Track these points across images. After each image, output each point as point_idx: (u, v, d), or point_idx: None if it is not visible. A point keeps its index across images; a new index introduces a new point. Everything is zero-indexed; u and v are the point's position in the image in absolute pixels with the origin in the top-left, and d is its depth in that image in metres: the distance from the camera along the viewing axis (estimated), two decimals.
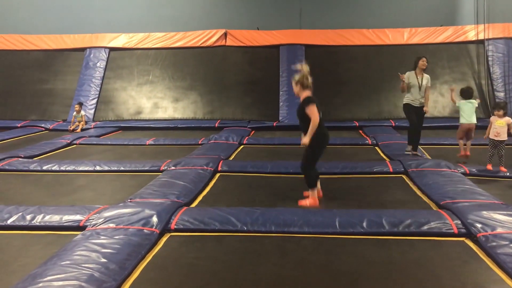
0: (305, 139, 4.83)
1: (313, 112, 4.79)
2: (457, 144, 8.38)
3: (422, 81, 7.21)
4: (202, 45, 12.88)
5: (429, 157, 7.28)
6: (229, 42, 12.86)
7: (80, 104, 11.52)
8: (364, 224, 4.09)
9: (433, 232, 4.01)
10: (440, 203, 4.75)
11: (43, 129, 11.40)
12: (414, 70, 7.31)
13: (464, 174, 6.11)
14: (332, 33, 12.75)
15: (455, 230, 4.01)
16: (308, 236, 4.00)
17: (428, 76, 7.36)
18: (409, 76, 7.27)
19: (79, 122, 11.31)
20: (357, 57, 12.54)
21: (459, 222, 4.11)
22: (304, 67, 5.00)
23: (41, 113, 12.39)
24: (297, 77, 5.00)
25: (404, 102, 7.42)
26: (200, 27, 13.04)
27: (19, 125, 11.60)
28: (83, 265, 3.24)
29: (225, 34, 12.89)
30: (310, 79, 4.98)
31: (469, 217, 4.11)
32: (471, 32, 12.40)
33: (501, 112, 6.30)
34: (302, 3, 13.02)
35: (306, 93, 4.98)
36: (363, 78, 12.26)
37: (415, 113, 7.28)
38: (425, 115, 7.47)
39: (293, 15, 13.03)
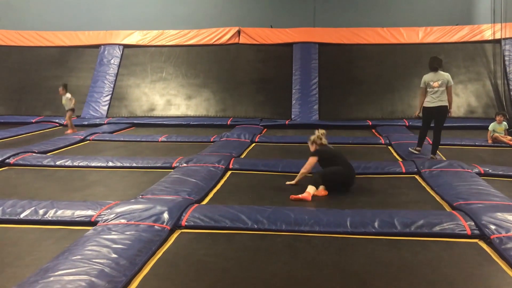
0: (293, 182, 5.76)
1: (309, 162, 5.74)
2: (472, 145, 8.34)
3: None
4: (215, 43, 12.90)
5: (444, 158, 7.10)
6: (243, 40, 12.86)
7: (64, 86, 10.37)
8: (376, 224, 4.05)
9: (445, 233, 3.95)
10: (453, 204, 4.69)
11: (57, 124, 11.50)
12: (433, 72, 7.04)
13: (479, 174, 6.03)
14: (346, 31, 12.69)
15: (468, 232, 3.96)
16: (319, 235, 3.98)
17: (447, 74, 7.06)
18: (427, 79, 7.03)
19: (66, 107, 10.31)
20: (371, 56, 12.47)
21: (473, 223, 4.06)
22: (315, 136, 5.88)
23: (56, 109, 12.46)
24: (312, 137, 5.91)
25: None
26: (214, 24, 13.07)
27: (33, 121, 11.73)
28: (94, 260, 3.25)
29: (239, 32, 12.89)
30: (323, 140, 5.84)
31: (483, 218, 4.05)
32: (488, 31, 12.25)
33: None
34: (316, 1, 12.97)
35: (314, 147, 5.87)
36: (377, 77, 12.18)
37: (434, 113, 6.97)
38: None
39: (307, 13, 13.00)
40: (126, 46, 13.16)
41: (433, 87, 6.90)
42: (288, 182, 5.80)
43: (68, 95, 10.31)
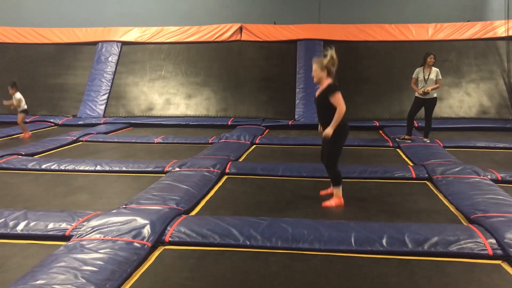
0: (329, 130, 4.53)
1: (340, 101, 4.54)
2: (486, 147, 7.84)
3: (429, 76, 8.00)
4: (216, 40, 12.43)
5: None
6: (245, 37, 12.38)
7: (13, 84, 9.37)
8: (384, 241, 3.57)
9: (463, 253, 3.47)
10: (470, 216, 4.19)
11: (52, 124, 11.11)
12: (423, 66, 8.13)
13: (495, 180, 5.53)
14: (353, 28, 12.17)
15: (490, 251, 3.47)
16: (319, 254, 3.51)
17: (436, 69, 8.06)
18: (418, 72, 8.17)
19: (14, 107, 9.35)
20: (379, 54, 11.93)
21: (494, 241, 3.57)
22: (332, 53, 4.61)
23: (51, 108, 12.10)
24: (325, 61, 4.59)
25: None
26: (215, 21, 12.59)
27: (28, 120, 11.29)
28: (56, 286, 2.81)
29: (241, 29, 12.41)
30: (336, 66, 4.66)
31: (506, 235, 3.57)
32: (501, 28, 11.67)
33: None
34: None
35: (329, 80, 4.64)
36: (385, 75, 11.66)
37: (420, 105, 8.24)
38: (449, 115, 7.83)
39: (312, 8, 12.49)
40: (124, 43, 12.72)
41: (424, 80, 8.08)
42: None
43: (18, 95, 9.34)
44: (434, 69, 8.05)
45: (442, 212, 4.60)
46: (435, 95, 8.15)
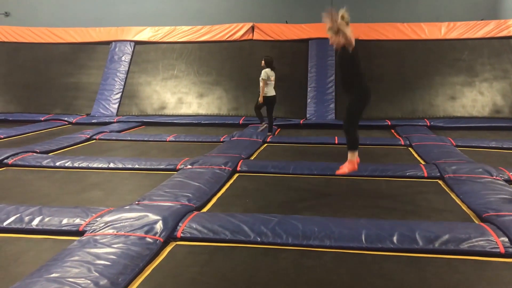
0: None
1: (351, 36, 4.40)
2: (499, 147, 7.77)
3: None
4: (228, 39, 12.47)
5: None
6: (256, 36, 12.40)
7: None
8: (395, 239, 3.57)
9: (475, 251, 3.46)
10: (482, 215, 4.17)
11: (66, 123, 11.24)
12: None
13: (508, 180, 5.49)
14: (365, 26, 12.11)
15: (502, 249, 3.46)
16: (330, 251, 3.52)
17: (264, 70, 8.75)
18: (268, 73, 8.74)
19: None
20: (391, 53, 11.88)
21: (506, 239, 3.55)
22: (343, 13, 4.56)
23: (66, 106, 12.23)
24: (346, 15, 4.50)
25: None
26: (227, 20, 12.64)
27: (42, 119, 11.47)
28: (70, 279, 2.87)
29: (252, 28, 12.43)
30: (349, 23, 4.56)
31: None
32: None
33: None
34: None
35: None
36: (397, 74, 11.61)
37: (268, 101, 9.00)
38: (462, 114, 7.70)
39: (324, 7, 12.39)
40: (137, 43, 12.82)
41: (272, 81, 8.85)
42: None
43: None
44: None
45: (454, 211, 4.59)
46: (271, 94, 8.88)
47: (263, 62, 8.86)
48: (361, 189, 5.29)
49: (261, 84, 8.81)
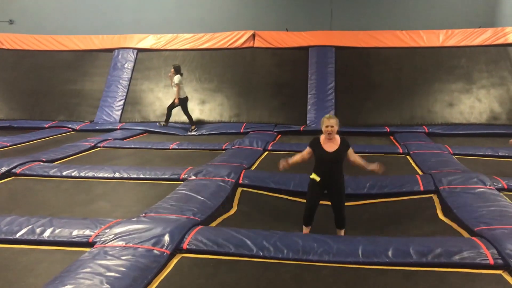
0: (374, 166, 4.45)
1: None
2: (495, 155, 7.92)
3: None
4: (230, 47, 12.67)
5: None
6: (257, 43, 12.60)
7: None
8: (390, 253, 3.76)
9: (465, 263, 3.64)
10: (474, 229, 4.35)
11: (70, 130, 11.40)
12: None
13: (501, 189, 5.65)
14: (364, 34, 12.32)
15: (491, 261, 3.64)
16: (328, 265, 3.71)
17: (177, 76, 10.53)
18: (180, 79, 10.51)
19: None
20: (390, 60, 12.07)
21: (495, 251, 3.74)
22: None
23: (69, 113, 12.42)
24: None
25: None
26: (228, 28, 12.84)
27: (47, 126, 11.64)
28: None
29: (253, 36, 12.63)
30: None
31: (508, 246, 3.73)
32: None
33: None
34: (333, 3, 12.66)
35: (337, 135, 4.48)
36: (396, 81, 11.79)
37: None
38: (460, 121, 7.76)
39: (324, 15, 12.70)
40: (140, 50, 13.02)
41: (182, 84, 10.52)
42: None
43: None
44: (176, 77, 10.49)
45: (447, 225, 4.76)
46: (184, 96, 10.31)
47: (172, 70, 10.55)
48: (358, 212, 5.37)
49: (175, 88, 10.61)
